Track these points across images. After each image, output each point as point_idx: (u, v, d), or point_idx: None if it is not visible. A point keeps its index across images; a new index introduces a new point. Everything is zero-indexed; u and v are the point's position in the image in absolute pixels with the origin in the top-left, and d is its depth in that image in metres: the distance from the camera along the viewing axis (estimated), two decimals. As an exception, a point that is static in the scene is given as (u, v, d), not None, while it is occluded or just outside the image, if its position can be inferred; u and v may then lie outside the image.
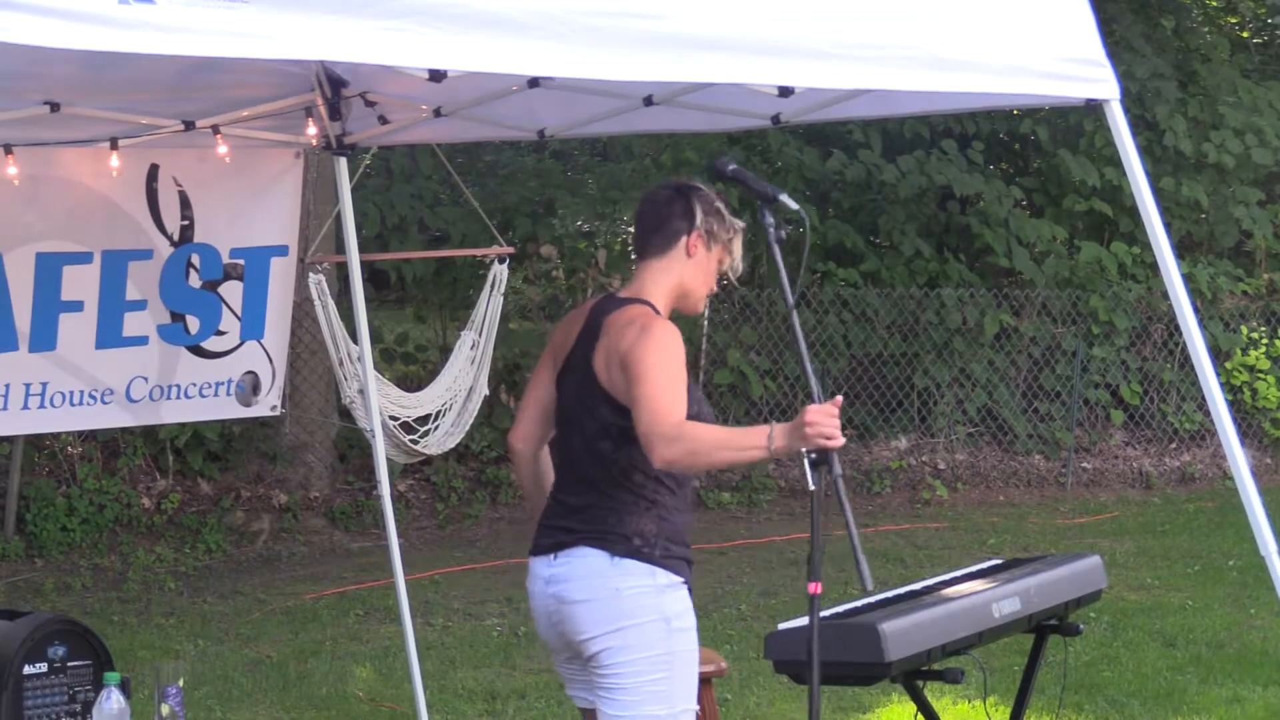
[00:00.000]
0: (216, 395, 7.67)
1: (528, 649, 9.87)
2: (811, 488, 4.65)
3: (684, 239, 5.22)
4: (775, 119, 6.59)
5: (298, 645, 10.08)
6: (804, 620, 4.94)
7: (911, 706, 5.72)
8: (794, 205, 4.91)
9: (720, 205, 5.27)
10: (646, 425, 4.85)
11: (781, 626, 5.45)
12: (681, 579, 5.10)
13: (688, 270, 5.24)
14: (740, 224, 5.32)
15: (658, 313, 5.16)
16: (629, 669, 5.02)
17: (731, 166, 5.09)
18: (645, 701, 5.04)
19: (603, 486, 5.11)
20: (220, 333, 7.62)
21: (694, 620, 5.14)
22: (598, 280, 14.91)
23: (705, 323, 14.87)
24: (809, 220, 5.08)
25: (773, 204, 4.91)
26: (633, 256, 5.34)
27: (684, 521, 5.20)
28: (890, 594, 5.80)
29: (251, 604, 11.16)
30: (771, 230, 4.89)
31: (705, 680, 5.64)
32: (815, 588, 4.62)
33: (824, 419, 4.64)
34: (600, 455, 5.12)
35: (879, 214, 16.19)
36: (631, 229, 16.76)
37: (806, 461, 4.67)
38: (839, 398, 4.72)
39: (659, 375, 4.91)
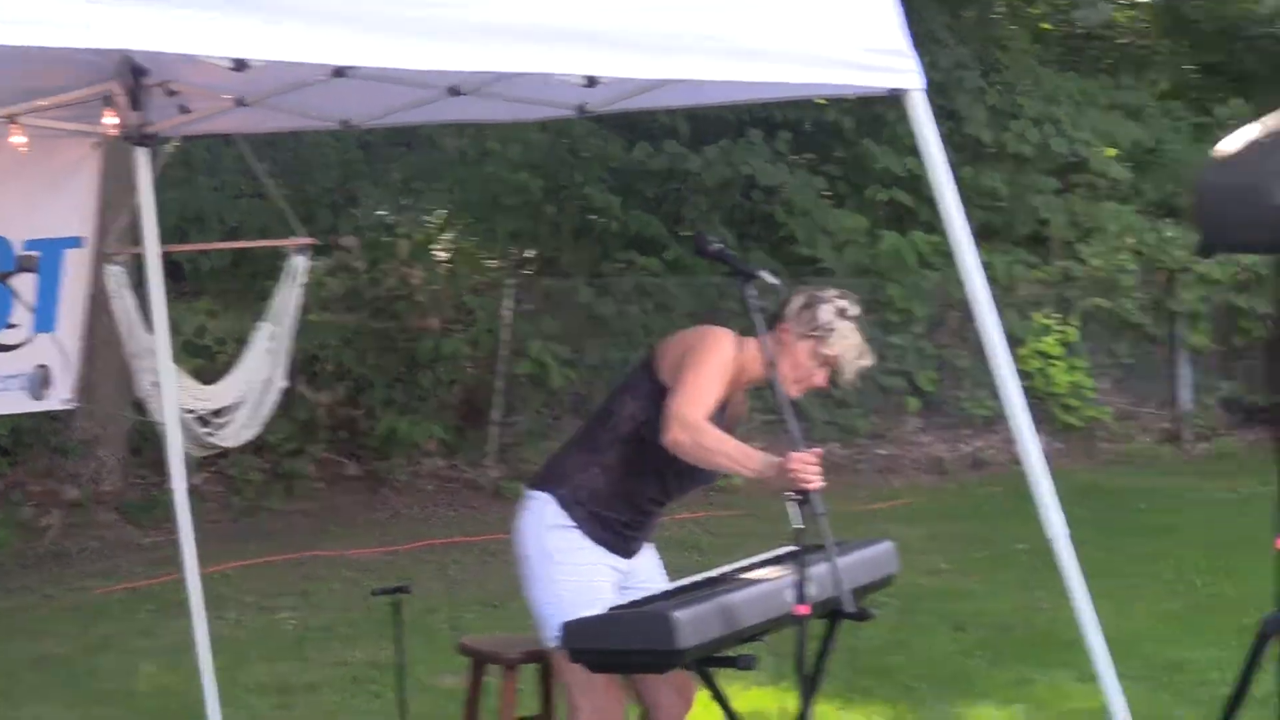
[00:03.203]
0: (7, 389, 7.52)
1: (321, 642, 9.80)
2: (795, 524, 5.12)
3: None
4: (581, 109, 6.59)
5: (86, 641, 9.92)
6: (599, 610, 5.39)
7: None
8: (773, 280, 5.35)
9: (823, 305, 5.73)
10: (677, 404, 5.41)
11: (579, 615, 5.46)
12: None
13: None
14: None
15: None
16: None
17: (715, 246, 5.51)
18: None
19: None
20: (11, 325, 7.46)
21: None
22: (400, 271, 14.83)
23: (507, 313, 14.83)
24: (784, 293, 5.57)
25: (753, 280, 5.31)
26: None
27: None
28: (684, 582, 5.82)
29: (39, 600, 10.97)
30: (753, 303, 5.29)
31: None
32: (804, 609, 5.15)
33: (804, 466, 5.15)
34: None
35: (683, 203, 16.25)
36: (430, 219, 16.71)
37: (792, 503, 5.13)
38: (820, 450, 5.19)
39: (709, 371, 5.53)
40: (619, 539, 5.78)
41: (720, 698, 5.74)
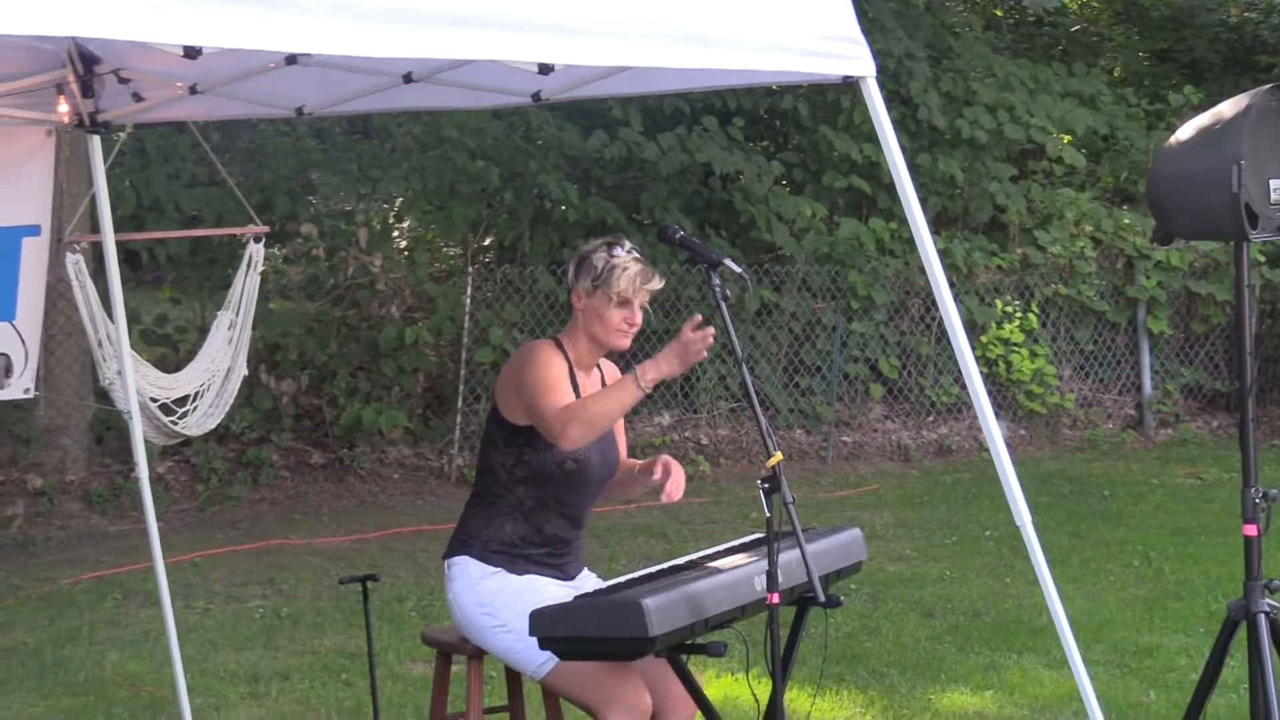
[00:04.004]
0: (-33, 380, 7.48)
1: (291, 630, 9.78)
2: (767, 514, 5.15)
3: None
4: (536, 96, 6.58)
5: (54, 631, 9.89)
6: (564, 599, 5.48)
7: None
8: (737, 269, 5.42)
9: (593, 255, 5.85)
10: (544, 420, 5.59)
11: (543, 605, 5.47)
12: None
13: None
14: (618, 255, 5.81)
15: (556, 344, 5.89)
16: None
17: (679, 235, 5.62)
18: None
19: None
20: (-31, 315, 7.43)
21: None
22: (359, 260, 14.80)
23: (467, 301, 14.82)
24: (749, 281, 5.56)
25: (717, 268, 5.42)
26: None
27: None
28: (653, 569, 5.83)
29: (5, 590, 10.93)
30: (718, 290, 5.40)
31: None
32: (773, 598, 5.19)
33: (700, 339, 5.37)
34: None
35: (641, 191, 16.25)
36: (388, 206, 16.68)
37: (761, 491, 5.18)
38: (711, 330, 5.40)
39: (545, 382, 5.67)
40: (548, 567, 5.86)
41: (692, 685, 5.75)
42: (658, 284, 5.86)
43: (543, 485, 5.80)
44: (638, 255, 5.81)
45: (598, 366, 6.03)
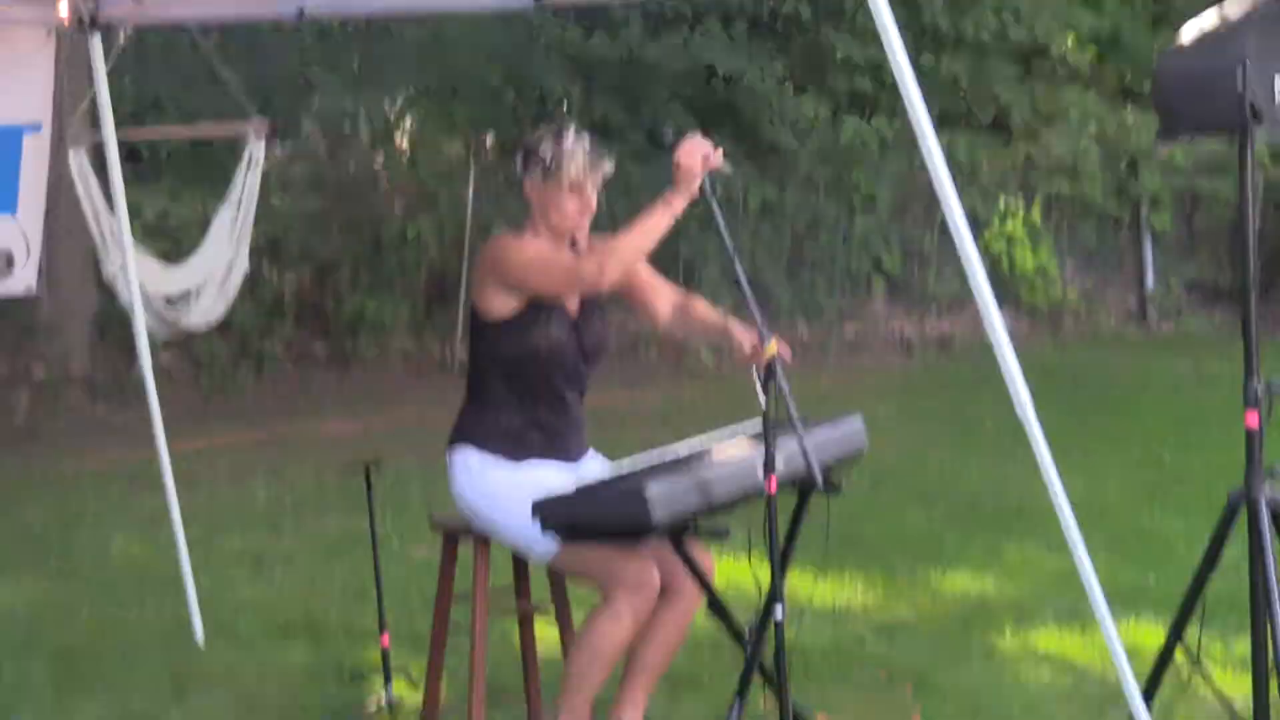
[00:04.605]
0: (-31, 273, 7.52)
1: (294, 516, 9.84)
2: (762, 402, 5.26)
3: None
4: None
5: (60, 516, 9.95)
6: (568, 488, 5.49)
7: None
8: (728, 170, 5.49)
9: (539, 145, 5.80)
10: (567, 278, 5.67)
11: (546, 492, 5.50)
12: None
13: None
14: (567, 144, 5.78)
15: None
16: None
17: (672, 137, 5.59)
18: None
19: None
20: (-29, 211, 7.45)
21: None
22: (360, 158, 14.78)
23: (470, 196, 14.81)
24: (742, 180, 5.61)
25: (712, 172, 5.50)
26: None
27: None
28: (655, 456, 5.85)
29: (12, 476, 10.98)
30: (708, 188, 5.51)
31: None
32: (771, 486, 5.28)
33: (698, 149, 5.42)
34: None
35: (643, 91, 16.18)
36: (388, 104, 16.62)
37: (757, 381, 5.30)
38: (698, 136, 5.47)
39: (532, 255, 5.69)
40: (548, 452, 5.86)
41: (695, 570, 5.79)
42: (608, 168, 5.85)
43: (524, 373, 5.81)
44: (581, 140, 5.79)
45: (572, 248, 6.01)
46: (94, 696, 6.86)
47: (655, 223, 5.61)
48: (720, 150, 5.49)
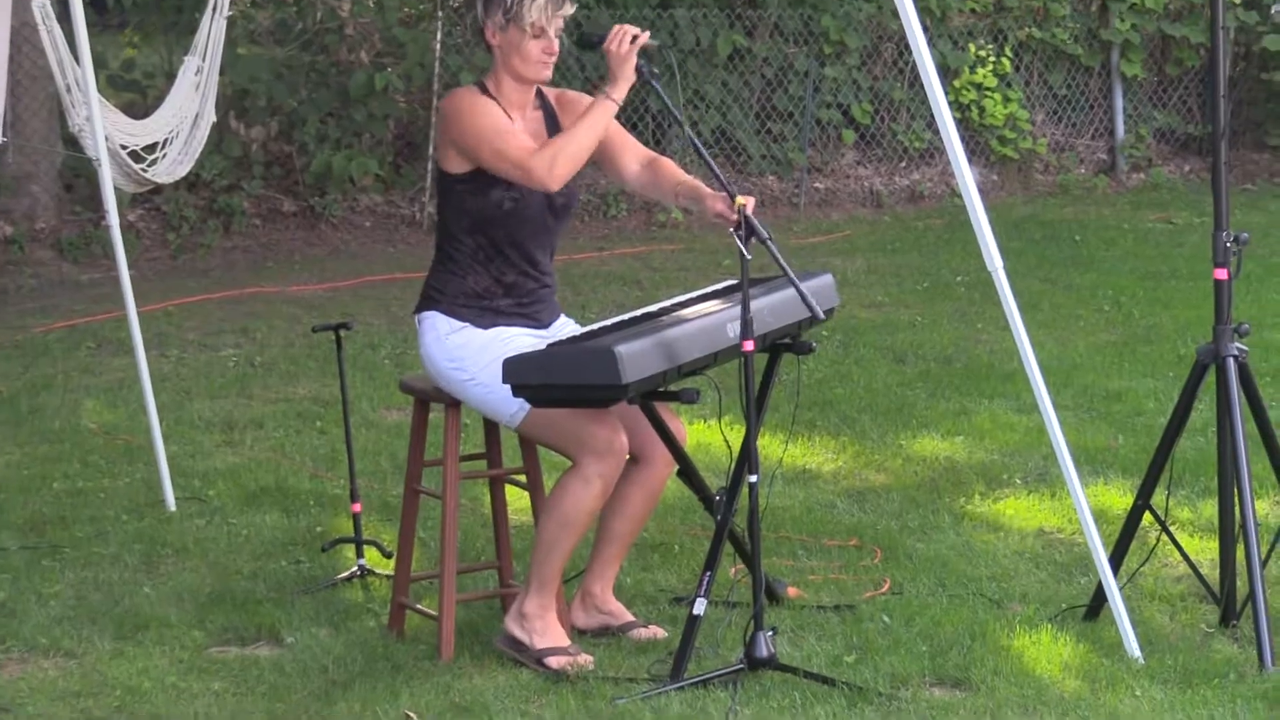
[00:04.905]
0: (-69, 123, 7.43)
1: (264, 379, 9.81)
2: (747, 256, 5.42)
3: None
4: None
5: (28, 379, 9.90)
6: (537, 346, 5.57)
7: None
8: (655, 44, 5.77)
9: None
10: (508, 165, 5.66)
11: (516, 353, 5.49)
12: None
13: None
14: None
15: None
16: None
17: (597, 36, 5.78)
18: None
19: None
20: (-67, 61, 7.32)
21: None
22: (328, 3, 14.62)
23: (438, 46, 14.66)
24: (671, 58, 5.94)
25: (644, 54, 5.75)
26: None
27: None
28: (625, 316, 5.84)
29: (-21, 336, 10.94)
30: (645, 71, 5.76)
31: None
32: (748, 345, 5.43)
33: (624, 35, 5.68)
34: None
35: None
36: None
37: (738, 240, 5.44)
38: (625, 27, 5.71)
39: (487, 127, 5.71)
40: (518, 317, 5.86)
41: (665, 433, 5.79)
42: (569, 9, 5.83)
43: (488, 230, 5.79)
44: None
45: (542, 105, 6.01)
46: (65, 567, 6.86)
47: (599, 117, 5.73)
48: (646, 32, 5.66)
